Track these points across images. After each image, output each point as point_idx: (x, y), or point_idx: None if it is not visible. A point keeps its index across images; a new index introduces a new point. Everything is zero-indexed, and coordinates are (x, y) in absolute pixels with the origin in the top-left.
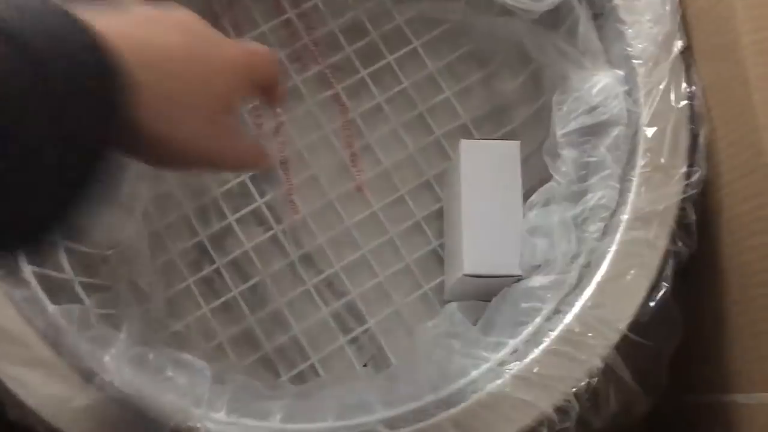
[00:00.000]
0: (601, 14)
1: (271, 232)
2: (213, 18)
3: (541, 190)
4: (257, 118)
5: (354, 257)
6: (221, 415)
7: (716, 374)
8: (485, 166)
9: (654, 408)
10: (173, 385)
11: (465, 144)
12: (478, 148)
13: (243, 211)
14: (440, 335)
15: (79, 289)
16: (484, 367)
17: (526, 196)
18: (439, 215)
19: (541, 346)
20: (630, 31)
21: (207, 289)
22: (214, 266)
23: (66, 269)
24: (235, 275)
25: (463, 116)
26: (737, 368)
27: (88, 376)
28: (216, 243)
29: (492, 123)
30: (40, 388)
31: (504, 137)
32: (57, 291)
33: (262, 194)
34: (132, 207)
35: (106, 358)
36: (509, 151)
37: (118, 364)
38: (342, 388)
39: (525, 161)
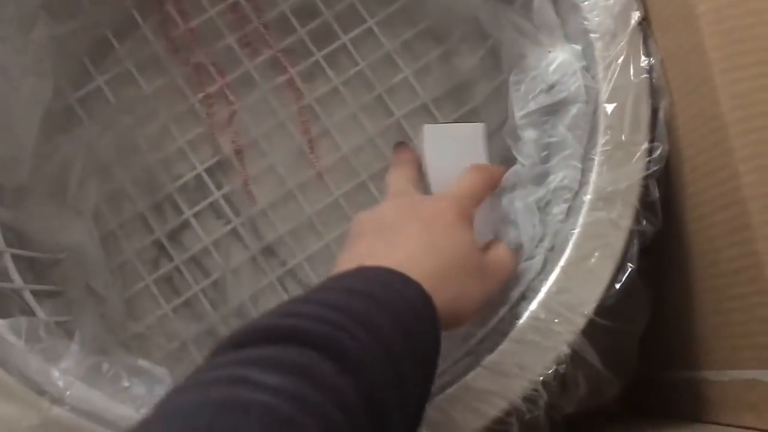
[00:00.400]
0: None
1: (230, 226)
2: (158, 4)
3: (508, 174)
4: (210, 108)
5: (317, 247)
6: None
7: (686, 352)
8: (450, 151)
9: (626, 387)
10: (130, 396)
11: (428, 129)
12: (441, 133)
13: (200, 206)
14: None
15: (29, 298)
16: (450, 358)
17: None
18: None
19: (508, 335)
20: (586, 3)
21: (167, 287)
22: (173, 264)
23: (14, 278)
24: (196, 272)
25: (422, 96)
26: (707, 346)
27: (38, 392)
28: (173, 240)
29: (452, 101)
30: None
31: (465, 115)
32: (5, 301)
33: (218, 187)
34: (80, 207)
35: (56, 374)
36: (474, 133)
37: (70, 378)
38: None
39: (488, 139)
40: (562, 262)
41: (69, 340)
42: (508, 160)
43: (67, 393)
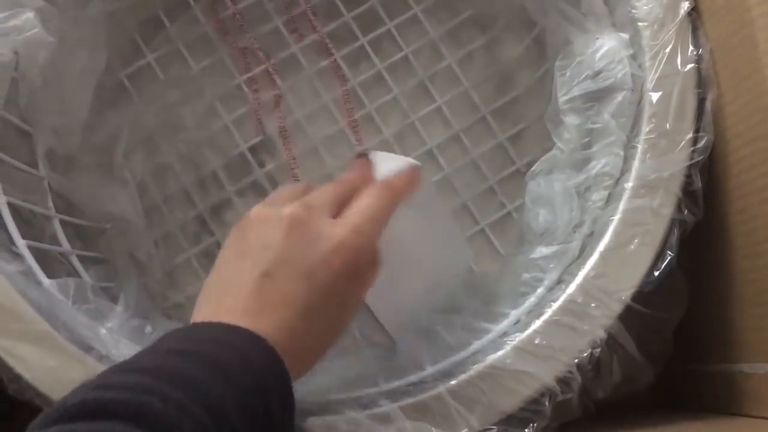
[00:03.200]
0: None
1: None
2: None
3: (544, 158)
4: (255, 90)
5: None
6: None
7: (722, 344)
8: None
9: (659, 377)
10: None
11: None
12: (383, 159)
13: (242, 183)
14: (442, 307)
15: (76, 262)
16: (486, 338)
17: (530, 165)
18: (442, 184)
19: (543, 317)
20: None
21: (207, 261)
22: (214, 238)
23: (62, 242)
24: None
25: (465, 84)
26: (744, 338)
27: (84, 349)
28: (215, 215)
29: (494, 90)
30: (36, 362)
31: (507, 104)
32: (54, 265)
33: (261, 165)
34: (125, 179)
35: (103, 331)
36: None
37: (115, 337)
38: (343, 361)
39: (527, 129)
40: (600, 248)
41: (113, 304)
42: (548, 150)
43: (113, 350)
